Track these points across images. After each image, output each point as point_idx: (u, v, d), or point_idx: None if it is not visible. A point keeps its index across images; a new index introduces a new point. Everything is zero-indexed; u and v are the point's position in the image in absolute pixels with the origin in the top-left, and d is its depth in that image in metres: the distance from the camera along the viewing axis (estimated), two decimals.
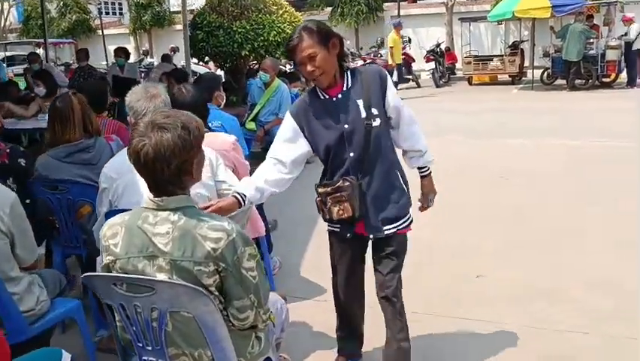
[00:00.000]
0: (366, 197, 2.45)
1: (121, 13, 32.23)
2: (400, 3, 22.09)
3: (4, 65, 13.89)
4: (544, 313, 3.40)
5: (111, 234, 1.84)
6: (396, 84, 13.75)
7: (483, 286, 3.82)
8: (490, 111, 11.52)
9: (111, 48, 25.95)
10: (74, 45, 24.23)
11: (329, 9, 25.05)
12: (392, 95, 2.46)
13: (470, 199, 5.73)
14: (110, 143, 3.39)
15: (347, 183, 2.42)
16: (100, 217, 2.73)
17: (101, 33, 24.76)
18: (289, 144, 2.55)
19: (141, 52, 22.86)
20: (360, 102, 2.41)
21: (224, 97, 4.78)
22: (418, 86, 16.82)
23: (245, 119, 7.09)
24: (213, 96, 4.45)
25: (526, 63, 16.74)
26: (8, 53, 22.25)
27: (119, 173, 2.57)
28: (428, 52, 17.26)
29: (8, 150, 3.39)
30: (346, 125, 2.42)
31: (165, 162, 1.72)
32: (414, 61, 17.23)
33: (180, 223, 1.77)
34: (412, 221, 2.60)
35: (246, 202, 2.44)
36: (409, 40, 18.54)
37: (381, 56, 17.61)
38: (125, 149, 2.74)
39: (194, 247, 1.75)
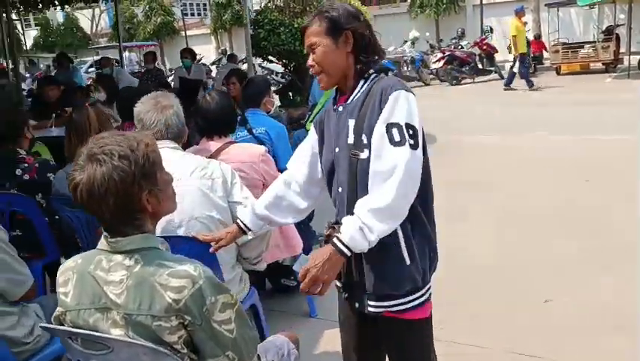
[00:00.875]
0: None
1: (205, 14, 32.98)
2: None
3: (82, 69, 14.46)
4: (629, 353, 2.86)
5: (62, 281, 1.56)
6: (520, 75, 12.99)
7: (550, 314, 3.30)
8: (579, 104, 10.59)
9: (194, 48, 26.73)
10: (158, 47, 25.02)
11: (408, 1, 24.34)
12: (383, 121, 1.73)
13: (546, 206, 5.14)
14: None
15: (328, 232, 1.86)
16: None
17: (184, 34, 25.41)
18: (305, 159, 2.10)
19: (219, 51, 23.18)
20: (352, 123, 1.82)
21: (274, 102, 4.47)
22: (501, 77, 15.89)
23: (305, 120, 6.80)
24: (261, 102, 4.15)
25: (622, 49, 15.41)
26: (97, 57, 23.27)
27: None
28: None
29: (37, 165, 3.27)
30: (337, 149, 1.88)
31: (101, 200, 1.43)
32: (496, 52, 16.35)
33: (136, 270, 1.47)
34: (420, 304, 1.86)
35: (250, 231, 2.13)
36: (491, 30, 17.60)
37: (462, 47, 16.83)
38: None
39: (151, 298, 1.44)
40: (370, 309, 1.86)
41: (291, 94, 9.34)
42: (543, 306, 3.40)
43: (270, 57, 8.19)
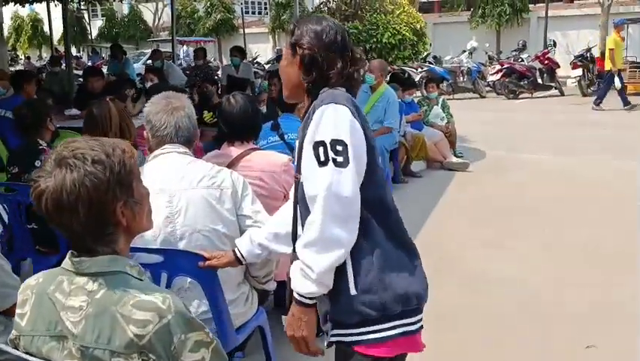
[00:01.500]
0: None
1: (266, 13, 33.23)
2: (550, 3, 20.30)
3: (141, 60, 14.65)
4: None
5: (21, 300, 1.39)
6: (619, 92, 12.36)
7: None
8: None
9: (252, 47, 26.97)
10: (215, 43, 25.29)
11: (470, 10, 23.80)
12: (309, 141, 1.57)
13: (597, 237, 4.75)
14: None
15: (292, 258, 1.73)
16: None
17: (242, 32, 25.61)
18: None
19: (275, 51, 23.25)
20: (297, 145, 1.73)
21: None
22: (562, 94, 15.26)
23: None
24: (297, 107, 3.97)
25: None
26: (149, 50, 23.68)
27: None
28: (576, 57, 15.55)
29: None
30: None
31: (71, 211, 1.25)
32: (558, 67, 15.67)
33: (98, 296, 1.28)
34: (378, 340, 1.61)
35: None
36: (554, 44, 16.93)
37: (522, 60, 16.24)
38: (141, 168, 2.36)
39: (112, 330, 1.25)
40: (331, 336, 1.67)
41: None
42: (584, 353, 3.07)
43: None
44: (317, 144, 1.55)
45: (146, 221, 1.43)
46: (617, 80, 12.27)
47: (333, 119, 1.56)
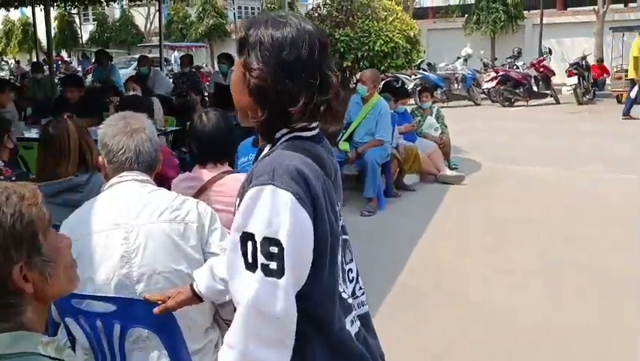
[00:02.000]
0: None
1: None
2: (544, 10, 20.14)
3: (132, 65, 14.35)
4: None
5: None
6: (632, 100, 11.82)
7: None
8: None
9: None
10: (207, 49, 25.00)
11: (464, 17, 23.63)
12: (236, 228, 1.23)
13: (614, 258, 4.50)
14: None
15: None
16: None
17: (234, 37, 25.32)
18: None
19: None
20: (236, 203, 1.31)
21: None
22: (557, 102, 15.09)
23: (339, 138, 6.33)
24: None
25: None
26: (150, 55, 23.39)
27: (74, 233, 1.87)
28: (571, 65, 15.37)
29: (14, 179, 2.90)
30: None
31: None
32: (554, 74, 15.50)
33: None
34: None
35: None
36: (550, 52, 16.75)
37: (517, 67, 16.05)
38: (95, 198, 2.08)
39: None
40: None
41: None
42: None
43: None
44: (245, 237, 1.19)
45: (65, 281, 1.15)
46: (636, 89, 11.84)
47: (268, 209, 1.18)
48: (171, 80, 9.55)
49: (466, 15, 23.45)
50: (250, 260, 1.18)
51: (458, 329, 3.44)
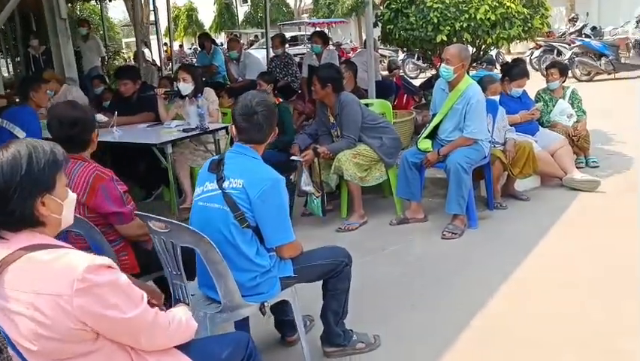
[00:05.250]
0: None
1: None
2: None
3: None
4: None
5: None
6: None
7: None
8: None
9: None
10: (349, 24, 23.98)
11: None
12: None
13: None
14: None
15: None
16: None
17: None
18: None
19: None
20: None
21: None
22: None
23: (419, 135, 5.00)
24: (266, 134, 2.69)
25: None
26: (293, 34, 22.93)
27: None
28: None
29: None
30: None
31: None
32: None
33: None
34: None
35: None
36: None
37: None
38: None
39: None
40: None
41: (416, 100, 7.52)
42: None
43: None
44: None
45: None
46: None
47: None
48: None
49: None
50: None
51: None
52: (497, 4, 5.25)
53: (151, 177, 5.69)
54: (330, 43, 7.94)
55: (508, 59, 14.31)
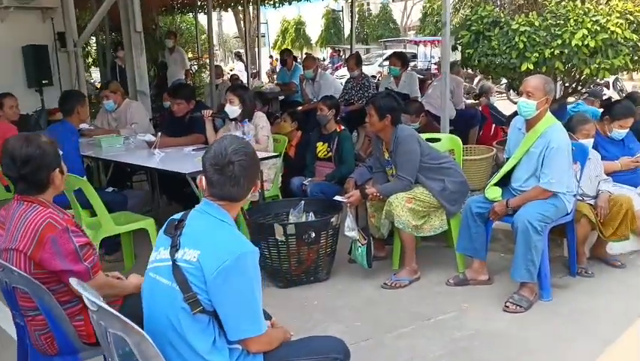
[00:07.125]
0: None
1: None
2: None
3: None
4: None
5: None
6: None
7: None
8: None
9: None
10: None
11: None
12: None
13: None
14: None
15: None
16: None
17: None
18: None
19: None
20: None
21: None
22: None
23: (488, 182, 4.23)
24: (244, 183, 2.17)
25: None
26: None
27: None
28: None
29: None
30: None
31: None
32: None
33: None
34: None
35: None
36: None
37: None
38: None
39: None
40: None
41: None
42: None
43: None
44: None
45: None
46: None
47: None
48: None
49: None
50: None
51: None
52: (599, 29, 4.36)
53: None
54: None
55: (629, 87, 12.87)
